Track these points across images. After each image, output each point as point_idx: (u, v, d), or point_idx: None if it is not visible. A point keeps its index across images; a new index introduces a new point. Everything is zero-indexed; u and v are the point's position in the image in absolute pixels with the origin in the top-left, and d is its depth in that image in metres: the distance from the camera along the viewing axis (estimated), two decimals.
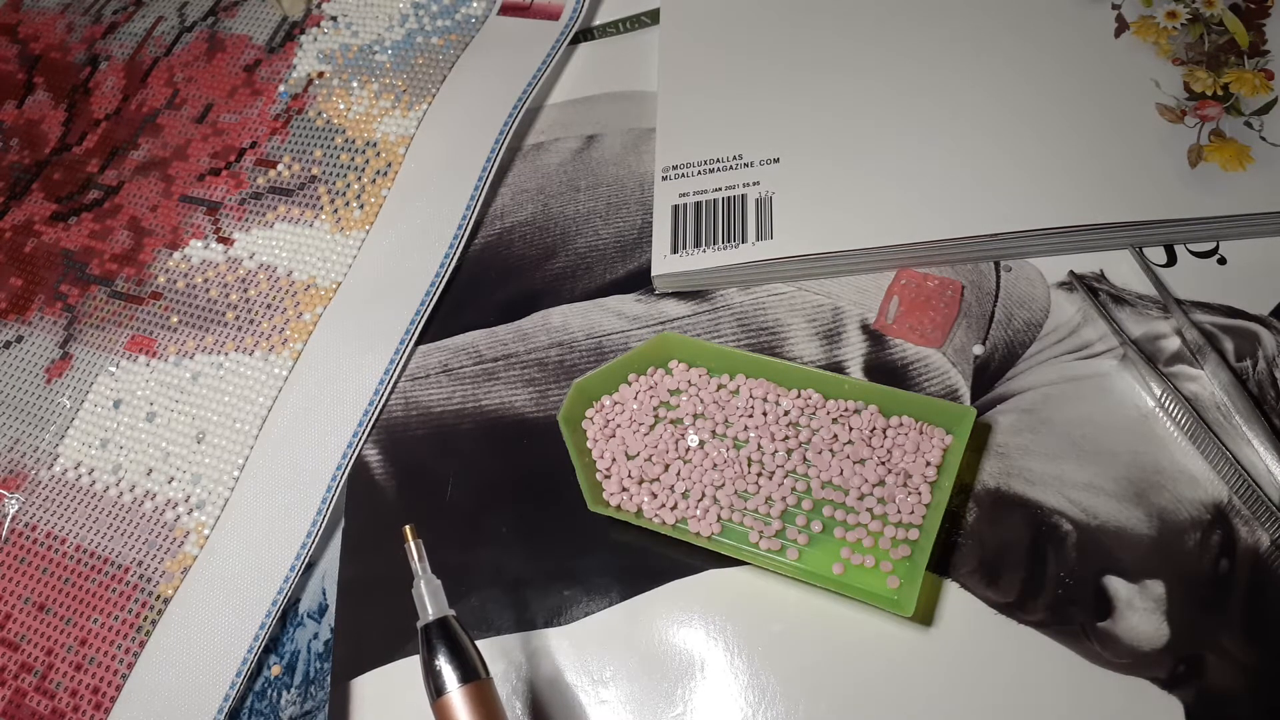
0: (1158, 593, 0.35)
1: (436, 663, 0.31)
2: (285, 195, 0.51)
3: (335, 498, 0.42)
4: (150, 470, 0.45)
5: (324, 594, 0.41)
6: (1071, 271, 0.41)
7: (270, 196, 0.51)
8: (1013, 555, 0.36)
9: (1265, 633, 0.34)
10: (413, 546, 0.33)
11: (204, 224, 0.51)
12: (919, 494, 0.37)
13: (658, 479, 0.39)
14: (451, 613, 0.32)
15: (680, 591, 0.38)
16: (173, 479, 0.44)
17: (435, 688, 0.31)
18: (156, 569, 0.42)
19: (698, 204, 0.44)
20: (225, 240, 0.50)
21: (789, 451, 0.39)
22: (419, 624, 0.32)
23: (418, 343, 0.45)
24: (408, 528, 0.34)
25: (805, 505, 0.38)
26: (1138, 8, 0.45)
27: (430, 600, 0.32)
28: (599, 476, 0.40)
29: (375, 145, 0.51)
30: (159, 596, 0.42)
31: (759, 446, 0.39)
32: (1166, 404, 0.37)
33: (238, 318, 0.48)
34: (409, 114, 0.52)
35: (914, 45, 0.46)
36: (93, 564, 0.43)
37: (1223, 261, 0.40)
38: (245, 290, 0.48)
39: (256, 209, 0.51)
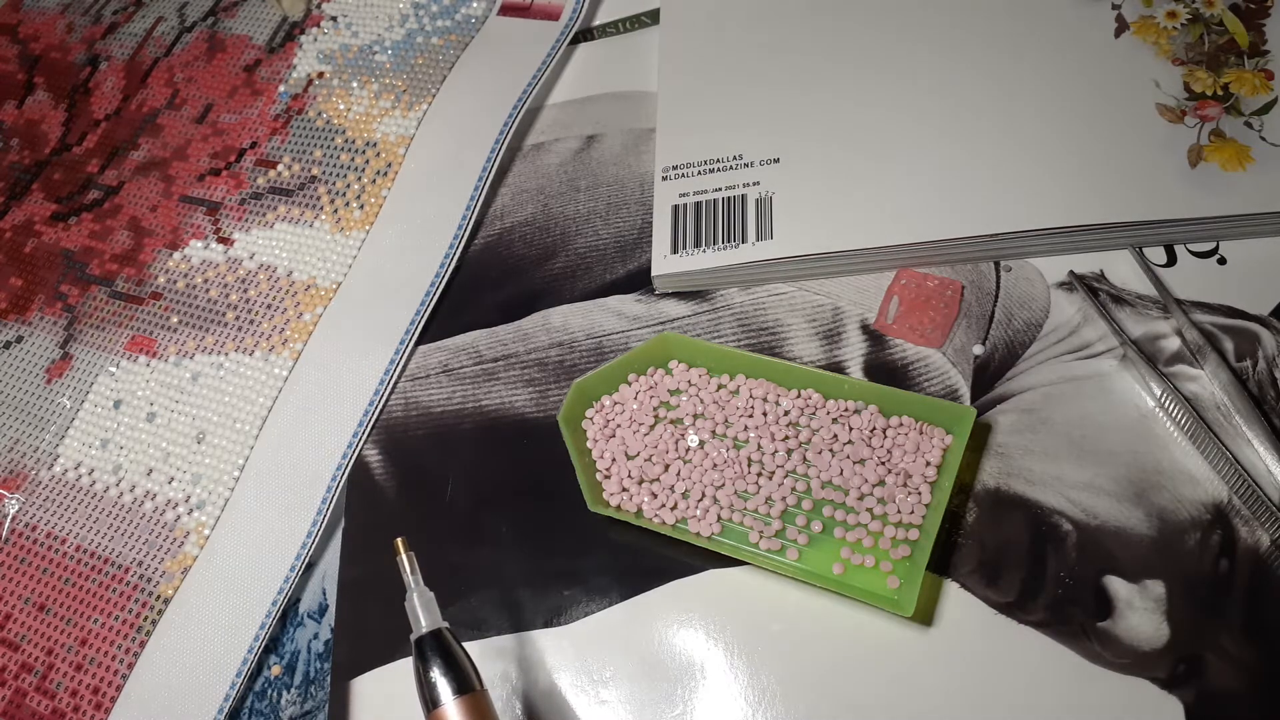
0: (1158, 593, 0.35)
1: (431, 675, 0.31)
2: (285, 195, 0.51)
3: (335, 498, 0.42)
4: (150, 470, 0.45)
5: (324, 594, 0.41)
6: (1071, 271, 0.41)
7: (270, 196, 0.51)
8: (1013, 555, 0.36)
9: (1265, 633, 0.34)
10: (405, 559, 0.33)
11: (204, 224, 0.51)
12: (919, 494, 0.37)
13: (658, 479, 0.39)
14: (445, 624, 0.32)
15: (680, 591, 0.38)
16: (173, 479, 0.44)
17: (430, 700, 0.31)
18: (156, 569, 0.42)
19: (698, 204, 0.44)
20: (225, 240, 0.50)
21: (789, 451, 0.39)
22: (412, 637, 0.32)
23: (418, 343, 0.45)
24: (399, 540, 0.33)
25: (805, 505, 0.38)
26: (1138, 8, 0.45)
27: (424, 613, 0.32)
28: (599, 476, 0.40)
29: (375, 145, 0.51)
30: (159, 596, 0.42)
31: (759, 446, 0.39)
32: (1166, 404, 0.37)
33: (238, 318, 0.48)
34: (409, 114, 0.52)
35: (914, 45, 0.46)
36: (93, 564, 0.43)
37: (1223, 261, 0.40)
38: (245, 290, 0.48)
39: (256, 209, 0.51)
